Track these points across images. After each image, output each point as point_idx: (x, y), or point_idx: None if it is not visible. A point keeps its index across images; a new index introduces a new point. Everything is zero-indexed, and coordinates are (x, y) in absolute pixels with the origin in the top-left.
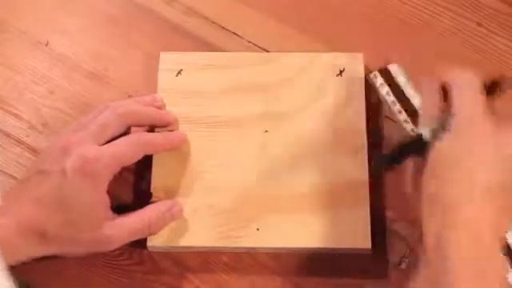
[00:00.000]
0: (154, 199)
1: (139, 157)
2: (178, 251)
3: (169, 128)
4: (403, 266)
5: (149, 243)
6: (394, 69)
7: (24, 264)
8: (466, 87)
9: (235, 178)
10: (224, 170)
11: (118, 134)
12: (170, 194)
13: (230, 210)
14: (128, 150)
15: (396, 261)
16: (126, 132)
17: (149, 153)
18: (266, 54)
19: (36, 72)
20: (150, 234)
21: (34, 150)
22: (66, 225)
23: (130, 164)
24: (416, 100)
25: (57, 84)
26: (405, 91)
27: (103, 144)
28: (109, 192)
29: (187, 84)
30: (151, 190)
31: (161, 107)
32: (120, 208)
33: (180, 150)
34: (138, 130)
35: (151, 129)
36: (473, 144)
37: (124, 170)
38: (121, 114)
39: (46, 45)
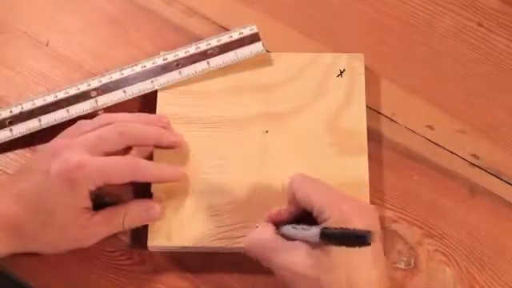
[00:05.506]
0: (154, 199)
1: (126, 180)
2: (179, 251)
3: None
4: (403, 265)
5: (149, 243)
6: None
7: (24, 264)
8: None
9: (235, 178)
10: (224, 170)
11: (114, 150)
12: (171, 193)
13: (230, 210)
14: (117, 170)
15: (396, 261)
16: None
17: (138, 180)
18: (266, 54)
19: (36, 72)
20: (124, 230)
21: (34, 151)
22: (42, 225)
23: (117, 183)
24: None
25: (57, 84)
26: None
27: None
28: (108, 192)
29: (187, 84)
30: (151, 190)
31: (166, 127)
32: None
33: (180, 150)
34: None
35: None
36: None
37: None
38: (122, 133)
39: (46, 45)
